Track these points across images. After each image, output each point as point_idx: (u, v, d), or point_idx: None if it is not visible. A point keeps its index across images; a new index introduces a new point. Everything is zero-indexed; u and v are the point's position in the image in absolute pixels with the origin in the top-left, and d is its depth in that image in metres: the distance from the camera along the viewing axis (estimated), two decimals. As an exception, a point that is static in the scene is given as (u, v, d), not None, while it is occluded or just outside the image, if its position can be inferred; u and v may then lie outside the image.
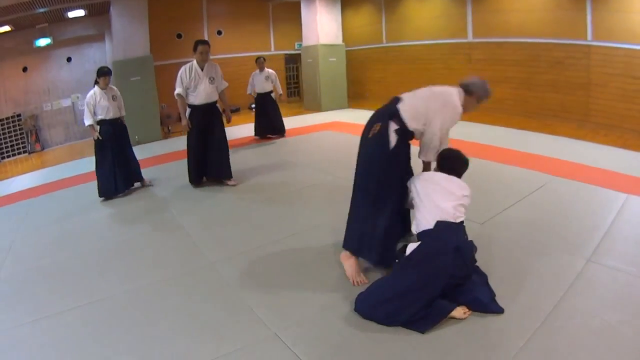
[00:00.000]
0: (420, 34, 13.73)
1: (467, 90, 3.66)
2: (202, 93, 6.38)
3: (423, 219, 3.28)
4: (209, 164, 6.80)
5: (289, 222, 5.11)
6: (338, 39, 14.39)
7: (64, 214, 6.23)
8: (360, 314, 3.14)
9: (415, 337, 2.86)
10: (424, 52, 13.71)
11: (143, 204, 6.34)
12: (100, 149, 6.80)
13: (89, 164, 9.49)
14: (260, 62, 10.31)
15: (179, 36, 14.83)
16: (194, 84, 6.33)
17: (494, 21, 11.48)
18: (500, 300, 3.10)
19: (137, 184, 7.22)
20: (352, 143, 8.88)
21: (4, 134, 12.46)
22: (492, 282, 3.25)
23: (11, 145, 12.62)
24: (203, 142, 6.62)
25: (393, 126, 3.47)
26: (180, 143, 10.64)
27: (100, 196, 6.75)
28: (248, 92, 10.60)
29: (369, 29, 15.58)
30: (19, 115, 12.65)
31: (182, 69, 6.32)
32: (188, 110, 6.50)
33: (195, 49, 6.30)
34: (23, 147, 12.88)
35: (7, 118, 12.48)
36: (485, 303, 3.06)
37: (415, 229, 3.35)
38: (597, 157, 6.74)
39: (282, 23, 16.84)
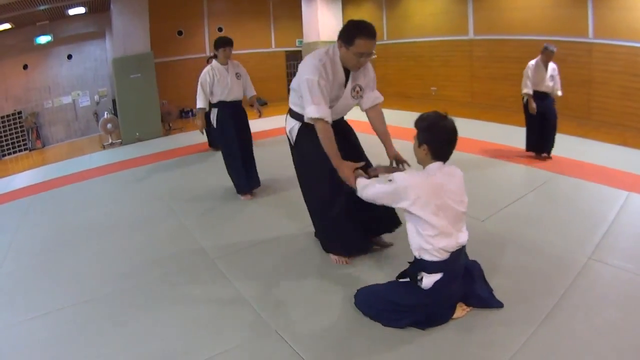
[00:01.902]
0: (421, 31, 13.71)
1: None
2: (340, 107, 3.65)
3: (436, 250, 2.77)
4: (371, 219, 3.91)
5: (291, 220, 5.09)
6: (339, 36, 14.36)
7: (65, 211, 6.23)
8: (360, 310, 3.14)
9: (416, 334, 2.86)
10: (425, 49, 13.70)
11: (145, 202, 6.32)
12: (223, 138, 5.85)
13: (89, 161, 9.54)
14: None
15: (180, 33, 14.81)
16: (336, 93, 3.57)
17: (495, 18, 11.47)
18: (501, 297, 3.09)
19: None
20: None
21: (4, 131, 12.43)
22: (493, 280, 3.24)
23: (12, 143, 12.60)
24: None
25: None
26: (181, 139, 10.67)
27: (238, 192, 5.97)
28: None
29: (369, 25, 15.55)
30: (19, 113, 12.63)
31: (315, 62, 3.41)
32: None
33: (351, 41, 3.32)
34: (24, 144, 12.86)
35: (8, 115, 12.46)
36: (485, 298, 3.06)
37: (418, 253, 2.87)
38: (598, 155, 6.74)
39: (283, 20, 16.79)
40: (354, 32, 3.29)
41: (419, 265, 2.86)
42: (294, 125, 3.74)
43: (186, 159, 8.62)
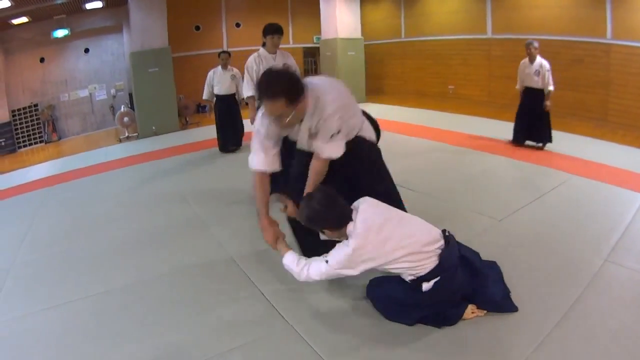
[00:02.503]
0: (439, 29, 13.65)
1: None
2: None
3: (422, 263, 2.76)
4: None
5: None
6: (357, 33, 14.30)
7: (80, 204, 6.29)
8: (371, 302, 3.16)
9: (428, 332, 2.86)
10: (443, 47, 13.63)
11: (161, 195, 6.33)
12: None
13: (105, 154, 9.60)
14: (224, 58, 8.41)
15: (197, 28, 14.86)
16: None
17: (513, 17, 11.39)
18: (516, 298, 3.08)
19: None
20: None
21: (21, 123, 12.56)
22: (508, 280, 3.22)
23: (28, 135, 12.72)
24: None
25: None
26: (198, 134, 10.70)
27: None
28: (205, 97, 8.57)
29: (387, 23, 15.49)
30: (36, 105, 12.76)
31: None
32: None
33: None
34: (40, 137, 12.98)
35: (25, 108, 12.59)
36: (498, 301, 3.02)
37: (414, 276, 2.82)
38: (615, 157, 6.66)
39: (301, 16, 16.75)
40: None
41: (420, 279, 2.80)
42: None
43: (203, 154, 8.65)
